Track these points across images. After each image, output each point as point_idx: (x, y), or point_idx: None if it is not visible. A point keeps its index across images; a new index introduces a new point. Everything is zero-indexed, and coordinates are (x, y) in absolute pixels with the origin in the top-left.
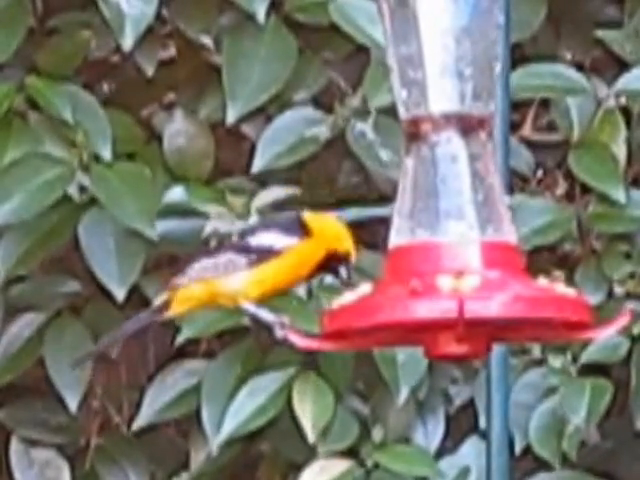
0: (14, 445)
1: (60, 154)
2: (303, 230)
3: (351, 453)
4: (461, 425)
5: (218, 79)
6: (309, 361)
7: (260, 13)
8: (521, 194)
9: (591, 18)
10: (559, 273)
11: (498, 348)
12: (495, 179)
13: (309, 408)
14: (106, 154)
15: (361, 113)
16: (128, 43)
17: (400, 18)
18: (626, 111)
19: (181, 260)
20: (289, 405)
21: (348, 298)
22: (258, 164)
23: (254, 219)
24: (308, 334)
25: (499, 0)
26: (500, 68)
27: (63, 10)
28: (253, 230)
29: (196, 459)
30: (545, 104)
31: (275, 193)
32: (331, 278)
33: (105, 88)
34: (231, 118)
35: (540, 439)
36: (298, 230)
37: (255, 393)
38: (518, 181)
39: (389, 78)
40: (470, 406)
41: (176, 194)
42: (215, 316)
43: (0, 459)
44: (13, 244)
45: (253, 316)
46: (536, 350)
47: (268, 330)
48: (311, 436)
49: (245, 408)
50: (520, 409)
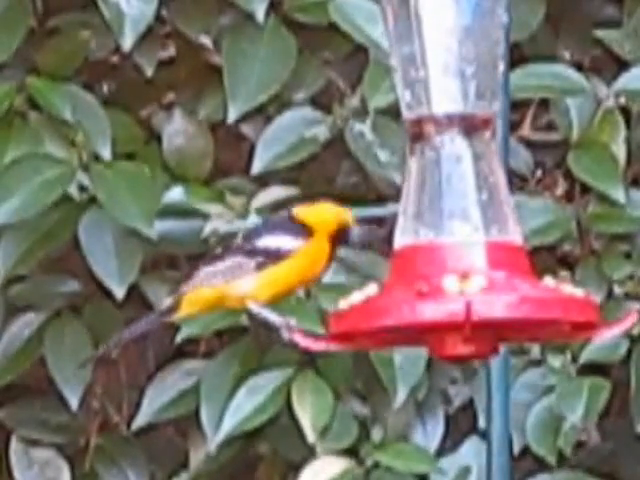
0: (14, 445)
1: (60, 154)
2: (304, 228)
3: (350, 453)
4: (460, 425)
5: (218, 79)
6: (307, 361)
7: (259, 13)
8: (520, 194)
9: (590, 18)
10: (565, 273)
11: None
12: (500, 179)
13: (308, 407)
14: (106, 154)
15: (360, 113)
16: (128, 43)
17: (403, 18)
18: (626, 111)
19: (181, 262)
20: (288, 404)
21: (356, 298)
22: (258, 164)
23: (253, 219)
24: (314, 335)
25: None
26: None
27: (63, 10)
28: (258, 233)
29: (195, 459)
30: (544, 104)
31: (275, 193)
32: (330, 278)
33: (105, 88)
34: (231, 118)
35: (537, 437)
36: (300, 229)
37: (254, 392)
38: (517, 181)
39: (392, 78)
40: (469, 406)
41: (175, 194)
42: (214, 316)
43: (0, 459)
44: (13, 244)
45: (260, 317)
46: (535, 350)
47: (269, 330)
48: (310, 435)
49: (244, 407)
50: (519, 409)
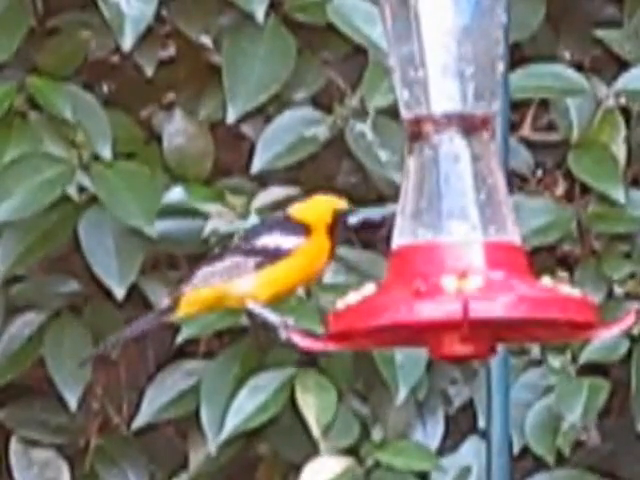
0: (14, 445)
1: (60, 154)
2: (302, 226)
3: (351, 452)
4: (461, 425)
5: (218, 79)
6: (308, 360)
7: (259, 13)
8: (521, 194)
9: (590, 18)
10: (564, 273)
11: (498, 348)
12: (498, 179)
13: (312, 403)
14: (106, 154)
15: (360, 113)
16: (128, 43)
17: (402, 18)
18: (626, 111)
19: (181, 262)
20: (289, 404)
21: (352, 298)
22: (257, 164)
23: (253, 219)
24: (312, 335)
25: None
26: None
27: (63, 10)
28: (256, 233)
29: (195, 459)
30: (544, 104)
31: (275, 193)
32: (330, 278)
33: (105, 88)
34: (231, 118)
35: (536, 436)
36: (298, 227)
37: (256, 391)
38: (518, 181)
39: (391, 78)
40: (470, 406)
41: (176, 194)
42: (214, 316)
43: (0, 459)
44: (13, 243)
45: (258, 317)
46: (535, 350)
47: (269, 330)
48: (316, 431)
49: (246, 406)
50: (519, 409)
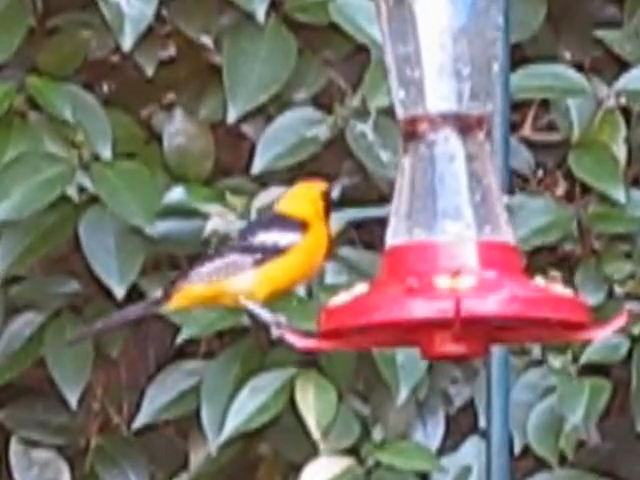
0: (14, 446)
1: (60, 154)
2: (298, 221)
3: (351, 452)
4: (461, 425)
5: (218, 79)
6: (309, 361)
7: (260, 13)
8: (521, 194)
9: (591, 18)
10: (556, 273)
11: (498, 348)
12: (492, 179)
13: (312, 404)
14: (106, 154)
15: (361, 113)
16: (128, 43)
17: (398, 17)
18: (626, 111)
19: (182, 262)
20: (290, 404)
21: (344, 297)
22: (258, 164)
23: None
24: (304, 333)
25: (497, 0)
26: (499, 68)
27: (63, 10)
28: (253, 230)
29: (195, 459)
30: (545, 104)
31: (275, 193)
32: (331, 278)
33: (105, 88)
34: (231, 118)
35: (538, 438)
36: (294, 222)
37: (257, 392)
38: (518, 181)
39: (387, 77)
40: (470, 406)
41: (176, 194)
42: (214, 316)
43: (0, 460)
44: (13, 243)
45: (252, 315)
46: (536, 350)
47: (267, 330)
48: (315, 432)
49: (247, 406)
50: (520, 409)
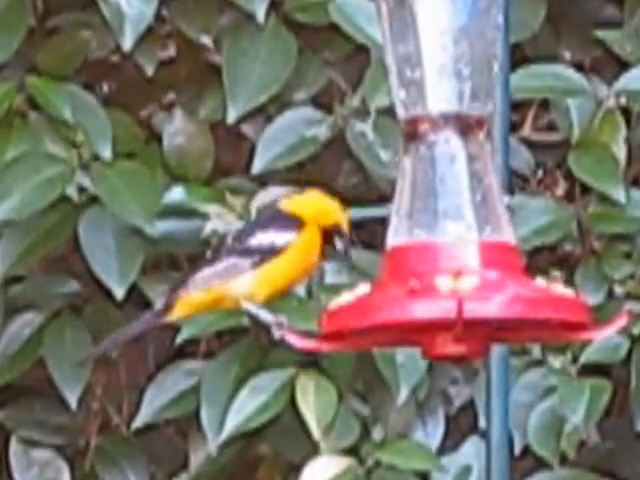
0: (14, 446)
1: (60, 154)
2: (295, 219)
3: (351, 452)
4: (461, 425)
5: (218, 79)
6: (309, 361)
7: (260, 13)
8: (521, 194)
9: (591, 18)
10: (558, 273)
11: (498, 349)
12: (493, 179)
13: (313, 404)
14: (106, 154)
15: (361, 113)
16: (128, 43)
17: (398, 18)
18: (626, 111)
19: (182, 262)
20: (290, 404)
21: (346, 298)
22: (258, 164)
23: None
24: (306, 334)
25: (498, 0)
26: (499, 68)
27: (63, 10)
28: (250, 231)
29: (195, 459)
30: (545, 104)
31: (275, 193)
32: (331, 278)
33: (105, 88)
34: (231, 118)
35: (539, 438)
36: (291, 221)
37: (257, 391)
38: (518, 181)
39: (388, 78)
40: (470, 406)
41: (176, 194)
42: (214, 316)
43: (0, 460)
44: (13, 243)
45: (252, 316)
46: (536, 350)
47: (267, 330)
48: (316, 432)
49: (247, 406)
50: (520, 409)
